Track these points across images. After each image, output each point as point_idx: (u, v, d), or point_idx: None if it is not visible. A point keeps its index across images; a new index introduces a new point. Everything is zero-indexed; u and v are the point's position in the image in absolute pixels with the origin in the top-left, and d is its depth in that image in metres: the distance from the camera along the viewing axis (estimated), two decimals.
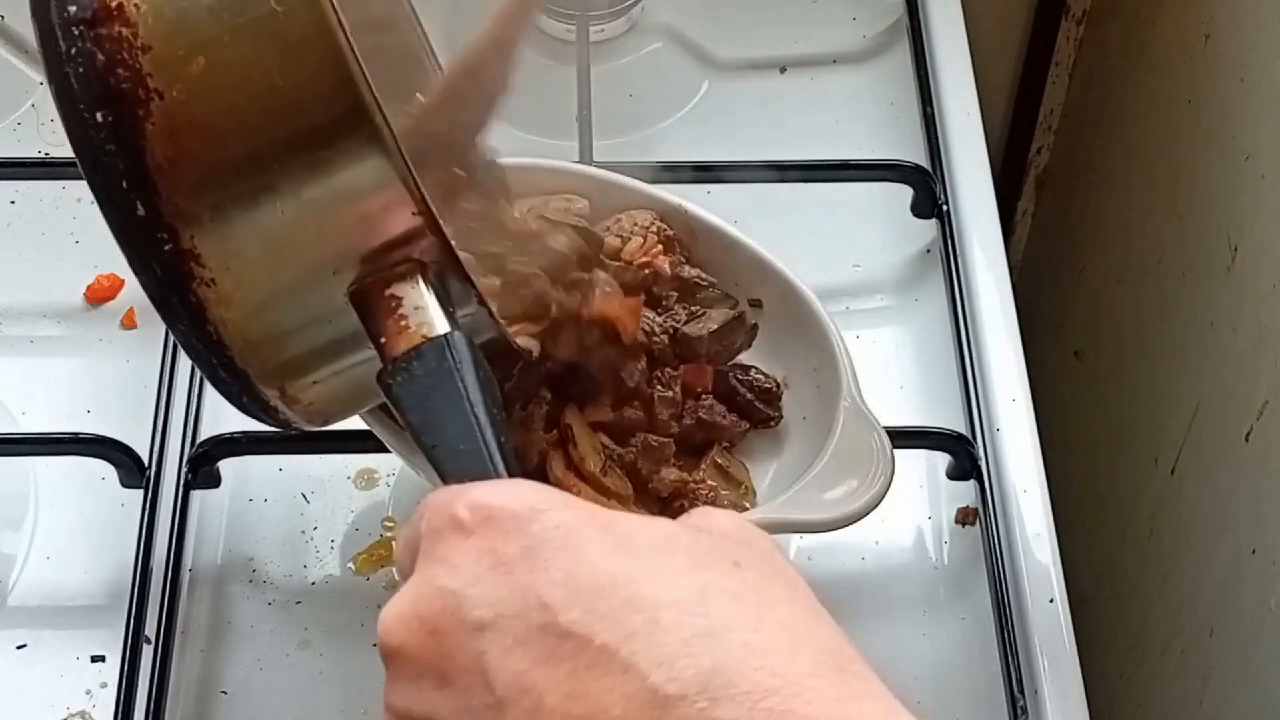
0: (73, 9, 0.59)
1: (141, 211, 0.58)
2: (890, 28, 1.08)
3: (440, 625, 0.50)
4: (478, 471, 0.56)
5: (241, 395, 0.63)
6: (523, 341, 0.71)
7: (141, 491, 0.83)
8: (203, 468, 0.84)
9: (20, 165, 0.97)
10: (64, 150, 0.97)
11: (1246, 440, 1.04)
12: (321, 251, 0.60)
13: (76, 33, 0.58)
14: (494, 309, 0.64)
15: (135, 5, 0.58)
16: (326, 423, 0.69)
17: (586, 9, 1.05)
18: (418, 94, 0.73)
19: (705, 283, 0.82)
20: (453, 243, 0.60)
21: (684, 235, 0.83)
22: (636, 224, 0.82)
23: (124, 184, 0.58)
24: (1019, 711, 0.79)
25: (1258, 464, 1.03)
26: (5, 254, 0.95)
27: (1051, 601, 0.83)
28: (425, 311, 0.60)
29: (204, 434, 0.85)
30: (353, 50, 0.57)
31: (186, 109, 0.58)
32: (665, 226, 0.83)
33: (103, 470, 0.84)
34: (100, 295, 0.93)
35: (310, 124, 0.58)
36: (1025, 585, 0.83)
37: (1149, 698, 1.20)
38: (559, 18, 1.06)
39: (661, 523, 0.52)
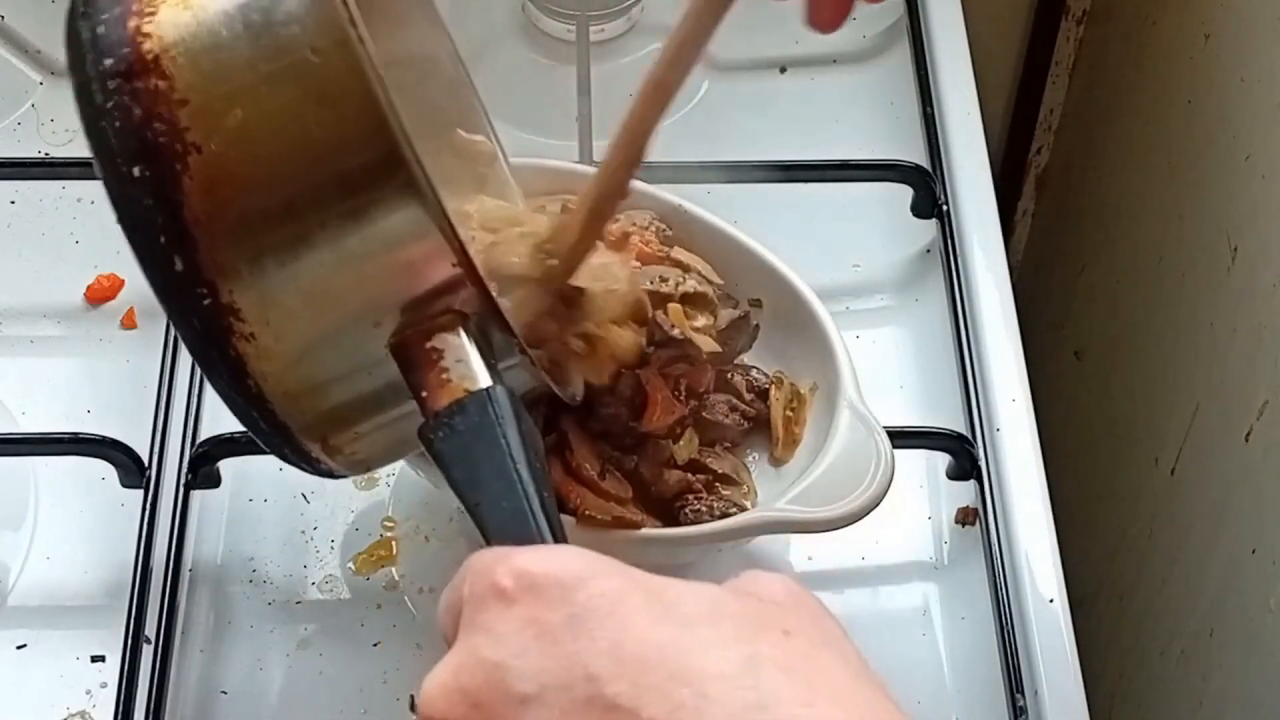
0: (109, 62, 0.58)
1: (180, 267, 0.58)
2: (890, 28, 1.08)
3: (484, 698, 0.48)
4: (520, 532, 0.55)
5: (283, 447, 0.63)
6: (565, 390, 0.71)
7: (141, 491, 0.83)
8: (203, 468, 0.84)
9: (20, 165, 0.97)
10: (64, 150, 0.99)
11: (1246, 440, 1.04)
12: (361, 303, 0.60)
13: (112, 86, 0.57)
14: (535, 358, 0.63)
15: (172, 57, 0.57)
16: (369, 470, 0.69)
17: (586, 9, 1.05)
18: (460, 131, 0.72)
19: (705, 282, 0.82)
20: (493, 292, 0.60)
21: (684, 235, 0.83)
22: (635, 224, 0.82)
23: (162, 239, 0.58)
24: (1019, 711, 0.79)
25: (1258, 464, 1.03)
26: (5, 254, 0.95)
27: (1051, 601, 0.83)
28: (466, 364, 0.59)
29: (204, 434, 0.85)
30: (389, 99, 0.56)
31: (224, 162, 0.57)
32: (664, 226, 0.83)
33: (103, 470, 0.84)
34: (100, 295, 0.93)
35: (348, 174, 0.57)
36: (1025, 585, 0.83)
37: (1149, 698, 1.20)
38: (559, 18, 1.06)
39: (708, 589, 0.50)
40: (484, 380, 0.59)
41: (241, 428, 0.83)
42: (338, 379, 0.62)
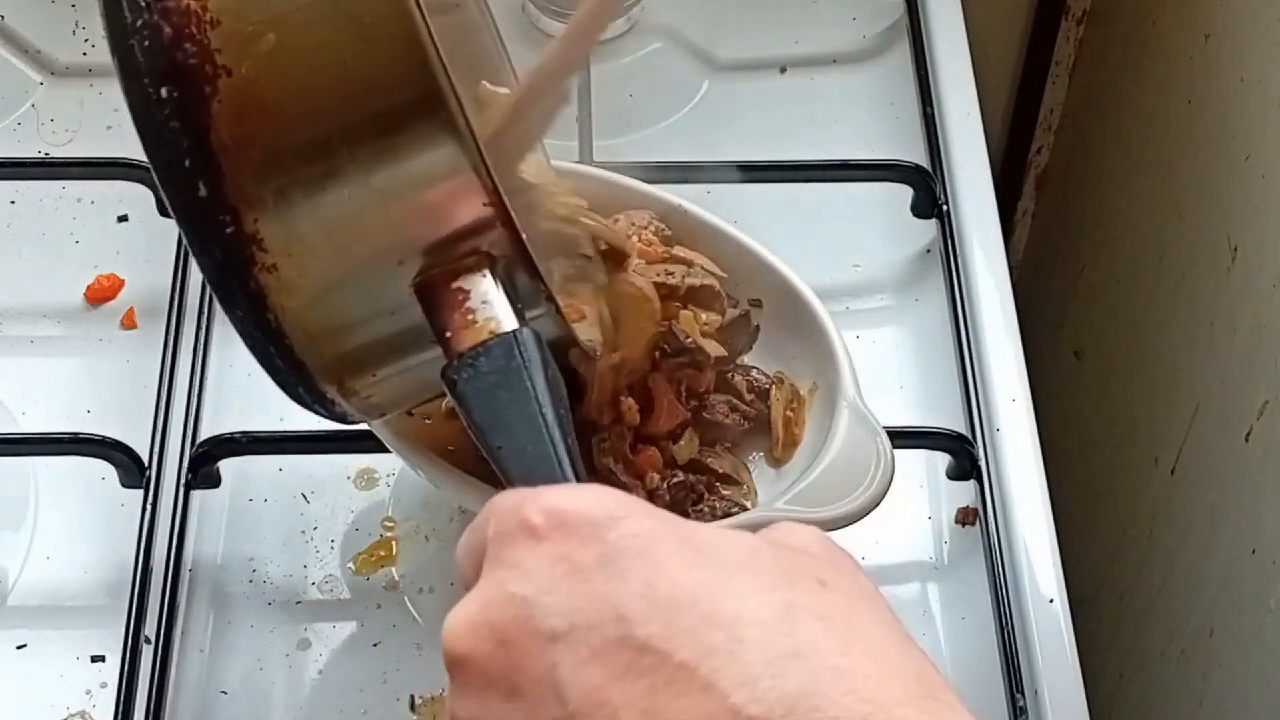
0: None
1: (204, 192, 0.56)
2: (890, 28, 1.08)
3: (510, 633, 0.47)
4: (545, 474, 0.55)
5: (298, 386, 0.62)
6: (586, 341, 0.70)
7: (141, 491, 0.83)
8: (203, 468, 0.84)
9: (20, 165, 0.97)
10: (64, 150, 0.99)
11: (1246, 440, 1.04)
12: (388, 240, 0.58)
13: (143, 3, 0.56)
14: (561, 307, 0.62)
15: None
16: (383, 415, 0.67)
17: None
18: (485, 83, 0.71)
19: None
20: (523, 234, 0.58)
21: (684, 235, 0.83)
22: (634, 224, 0.82)
23: (186, 163, 0.56)
24: (1019, 711, 0.79)
25: (1258, 464, 1.03)
26: (5, 254, 0.95)
27: (1051, 601, 0.83)
28: (493, 306, 0.58)
29: (204, 434, 0.85)
30: (430, 34, 0.55)
31: (255, 87, 0.56)
32: (664, 226, 0.83)
33: (103, 470, 0.84)
34: (100, 295, 0.93)
35: (383, 108, 0.56)
36: (1025, 585, 0.83)
37: (1149, 698, 1.20)
38: (559, 18, 1.06)
39: (744, 536, 0.50)
40: (511, 323, 0.58)
41: (242, 428, 0.84)
42: (360, 318, 0.60)
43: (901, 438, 0.82)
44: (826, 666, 0.45)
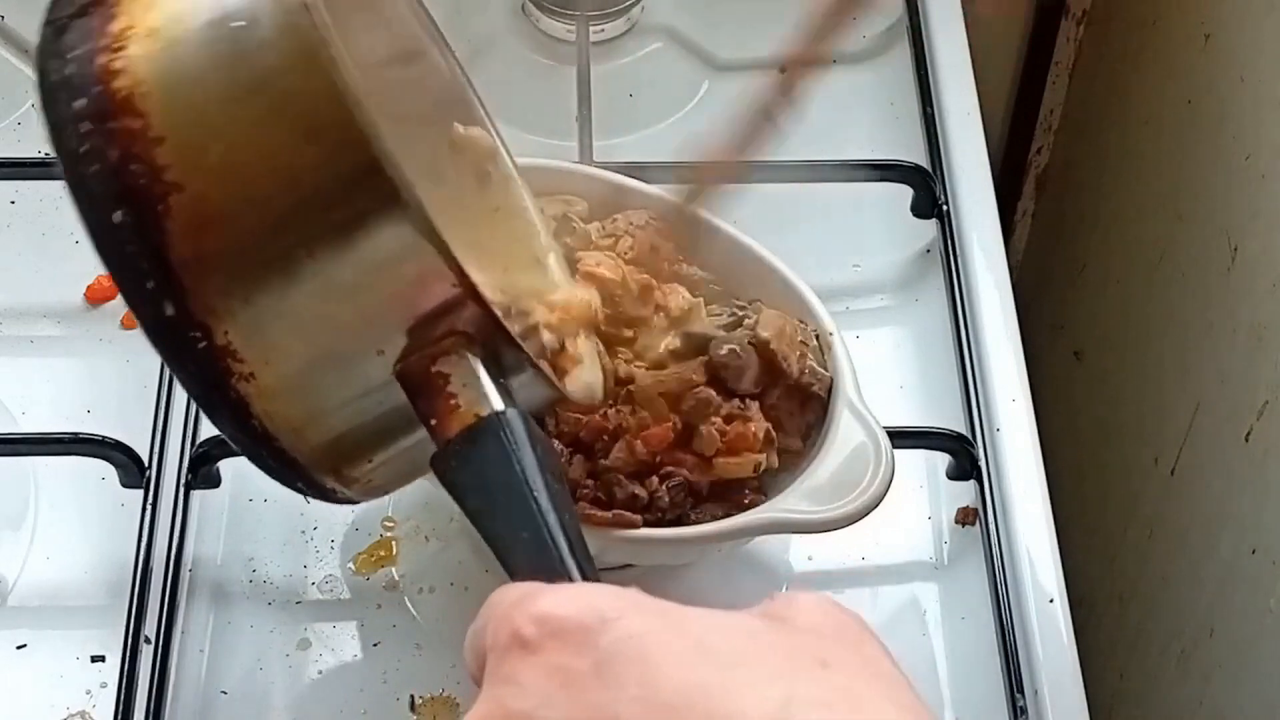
0: (80, 103, 0.56)
1: (170, 311, 0.56)
2: (890, 28, 1.08)
3: None
4: (541, 564, 0.54)
5: (296, 481, 0.61)
6: (586, 386, 0.69)
7: (141, 491, 0.83)
8: (203, 468, 0.84)
9: (20, 165, 0.97)
10: None
11: (1246, 440, 1.04)
12: (362, 333, 0.58)
13: (85, 130, 0.56)
14: (549, 372, 0.62)
15: (145, 94, 0.55)
16: (387, 494, 0.67)
17: (586, 9, 1.05)
18: (457, 125, 0.71)
19: (705, 281, 0.82)
20: (495, 310, 0.58)
21: (684, 235, 0.83)
22: (632, 223, 0.82)
23: (149, 284, 0.56)
24: (1019, 711, 0.79)
25: (1258, 464, 1.03)
26: (5, 254, 0.95)
27: (1051, 601, 0.83)
28: (475, 388, 0.57)
29: (204, 434, 0.85)
30: (373, 124, 0.55)
31: (207, 200, 0.55)
32: (663, 226, 0.83)
33: (103, 470, 0.84)
34: (100, 295, 0.93)
35: (337, 208, 0.55)
36: (1025, 585, 0.83)
37: (1149, 698, 1.20)
38: (559, 18, 1.06)
39: (739, 620, 0.48)
40: (495, 403, 0.57)
41: None
42: (345, 410, 0.60)
43: (901, 438, 0.82)
44: None
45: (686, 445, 0.76)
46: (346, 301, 0.57)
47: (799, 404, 0.79)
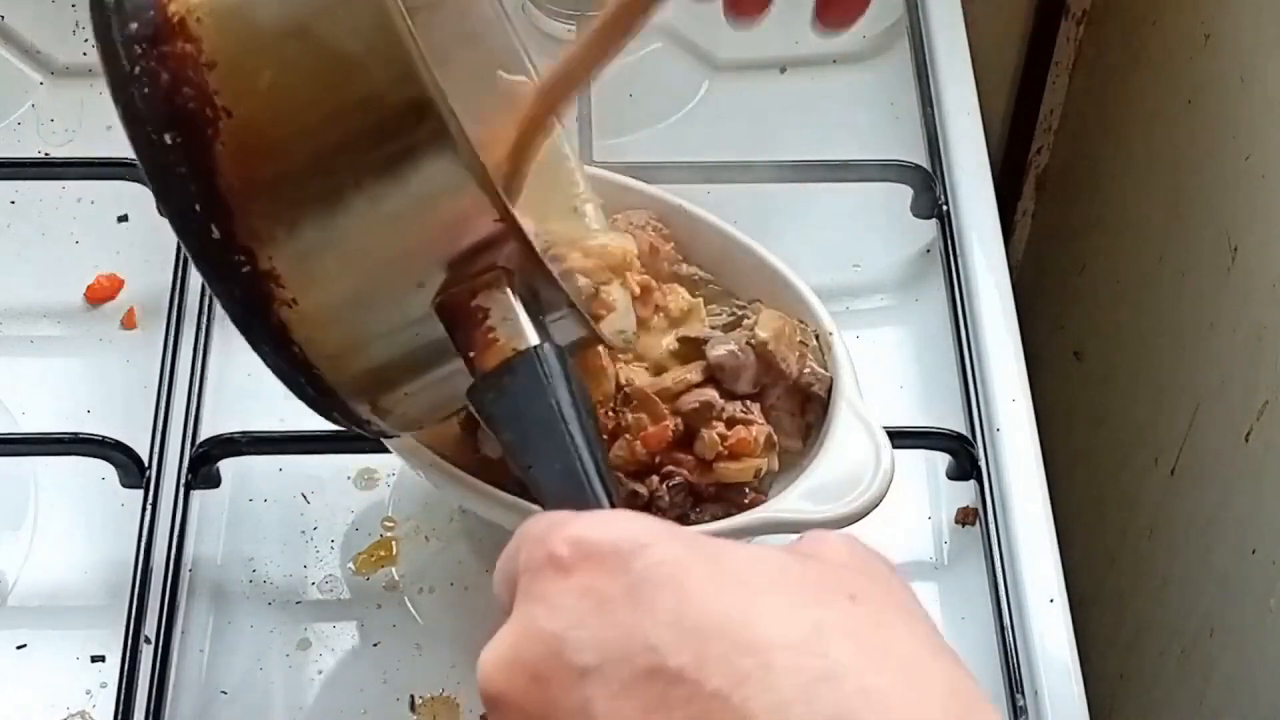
0: (134, 26, 0.57)
1: (216, 235, 0.57)
2: (890, 28, 1.08)
3: (543, 670, 0.47)
4: (574, 495, 0.55)
5: (332, 410, 0.62)
6: (617, 333, 0.70)
7: (141, 491, 0.83)
8: (203, 468, 0.84)
9: (20, 165, 0.97)
10: (64, 150, 0.99)
11: (1246, 440, 1.04)
12: (404, 265, 0.59)
13: (139, 51, 0.56)
14: (584, 312, 0.62)
15: (197, 19, 0.56)
16: (421, 428, 0.68)
17: (586, 9, 1.05)
18: (501, 73, 0.71)
19: (705, 281, 0.82)
20: (536, 246, 0.58)
21: (684, 235, 0.83)
22: (632, 223, 0.82)
23: (197, 207, 0.57)
24: (1019, 711, 0.79)
25: (1258, 464, 1.03)
26: (5, 254, 0.95)
27: (1051, 601, 0.83)
28: (513, 323, 0.58)
29: (204, 434, 0.85)
30: (425, 61, 0.55)
31: (256, 126, 0.56)
32: (661, 226, 0.83)
33: (103, 470, 0.84)
34: (100, 295, 0.93)
35: (384, 137, 0.56)
36: (1025, 585, 0.83)
37: (1149, 698, 1.20)
38: (559, 18, 1.06)
39: (770, 553, 0.49)
40: (532, 338, 0.58)
41: (242, 428, 0.84)
42: (383, 341, 0.61)
43: (901, 438, 0.82)
44: (858, 688, 0.45)
45: (687, 447, 0.76)
46: (390, 232, 0.58)
47: (799, 404, 0.79)
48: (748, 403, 0.77)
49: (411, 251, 0.58)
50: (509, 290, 0.59)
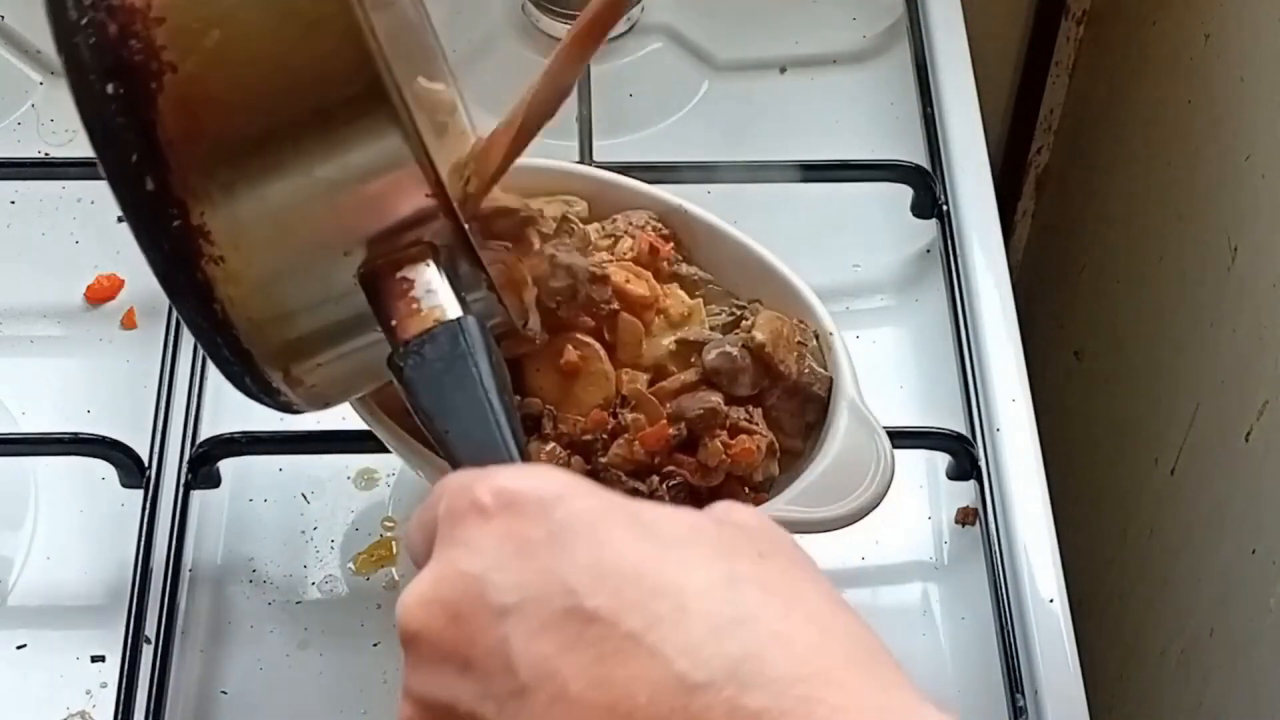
0: None
1: (151, 186, 0.58)
2: (890, 28, 1.08)
3: (462, 609, 0.49)
4: (492, 456, 0.56)
5: (244, 376, 0.63)
6: (529, 326, 0.71)
7: (141, 491, 0.83)
8: (203, 468, 0.84)
9: (20, 165, 0.97)
10: (64, 150, 0.99)
11: (1246, 440, 1.04)
12: (333, 231, 0.60)
13: (88, 1, 0.57)
14: (501, 295, 0.64)
15: None
16: (327, 406, 0.68)
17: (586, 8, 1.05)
18: (421, 79, 0.72)
19: (705, 281, 0.82)
20: (465, 225, 0.60)
21: (684, 235, 0.83)
22: (632, 223, 0.82)
23: (133, 158, 0.57)
24: (1019, 711, 0.79)
25: (1258, 464, 1.03)
26: (5, 254, 0.95)
27: (1051, 601, 0.83)
28: (437, 295, 0.60)
29: (204, 434, 0.85)
30: (372, 29, 0.56)
31: (200, 83, 0.57)
32: (661, 226, 0.83)
33: (103, 470, 0.85)
34: (100, 295, 0.93)
35: (326, 101, 0.57)
36: (1025, 585, 0.83)
37: (1149, 698, 1.20)
38: (559, 18, 1.06)
39: (686, 513, 0.51)
40: (455, 311, 0.59)
41: (242, 428, 0.84)
42: (305, 307, 0.62)
43: (901, 438, 0.82)
44: (768, 632, 0.46)
45: (690, 451, 0.76)
46: (324, 197, 0.59)
47: (799, 404, 0.79)
48: (750, 409, 0.77)
49: (343, 218, 0.59)
50: (434, 264, 0.60)
